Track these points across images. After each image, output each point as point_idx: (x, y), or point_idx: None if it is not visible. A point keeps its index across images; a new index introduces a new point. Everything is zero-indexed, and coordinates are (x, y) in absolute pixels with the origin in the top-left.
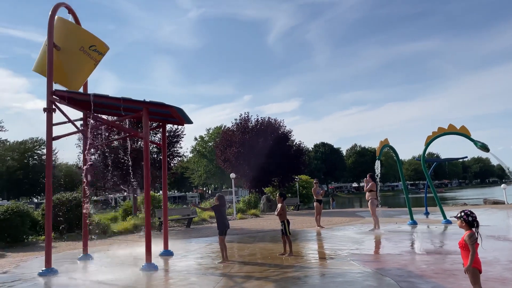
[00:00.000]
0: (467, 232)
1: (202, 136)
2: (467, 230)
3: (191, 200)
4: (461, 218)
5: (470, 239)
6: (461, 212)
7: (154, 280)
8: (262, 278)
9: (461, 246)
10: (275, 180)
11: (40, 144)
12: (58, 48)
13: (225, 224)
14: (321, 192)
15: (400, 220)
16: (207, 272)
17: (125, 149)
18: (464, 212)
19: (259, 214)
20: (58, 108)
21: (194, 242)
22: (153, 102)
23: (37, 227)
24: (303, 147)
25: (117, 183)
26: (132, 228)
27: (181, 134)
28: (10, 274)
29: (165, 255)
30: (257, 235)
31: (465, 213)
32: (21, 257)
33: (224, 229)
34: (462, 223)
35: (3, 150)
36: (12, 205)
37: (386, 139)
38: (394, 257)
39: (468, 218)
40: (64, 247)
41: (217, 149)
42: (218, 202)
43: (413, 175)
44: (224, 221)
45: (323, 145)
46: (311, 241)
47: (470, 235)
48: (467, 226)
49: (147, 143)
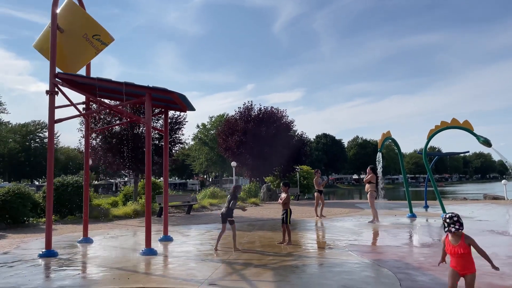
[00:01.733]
0: (461, 235)
1: (204, 124)
2: (459, 235)
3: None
4: (458, 229)
5: (471, 238)
6: (453, 224)
7: (153, 265)
8: (260, 265)
9: (459, 253)
10: (276, 170)
11: (42, 127)
12: (62, 31)
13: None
14: (323, 183)
15: (400, 213)
16: (206, 258)
17: (127, 134)
18: (456, 220)
19: (259, 203)
20: (60, 91)
21: (193, 229)
22: (156, 88)
23: (38, 209)
24: (305, 137)
25: (118, 168)
26: (133, 213)
27: (183, 121)
28: (11, 255)
29: (165, 240)
30: (256, 224)
31: (458, 221)
32: (22, 238)
33: (221, 216)
34: (459, 231)
35: (5, 132)
36: (13, 186)
37: (388, 131)
38: (392, 249)
39: (461, 223)
40: (64, 230)
41: (219, 137)
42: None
43: (414, 168)
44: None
45: (325, 136)
46: (310, 231)
47: (467, 235)
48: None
49: (149, 129)
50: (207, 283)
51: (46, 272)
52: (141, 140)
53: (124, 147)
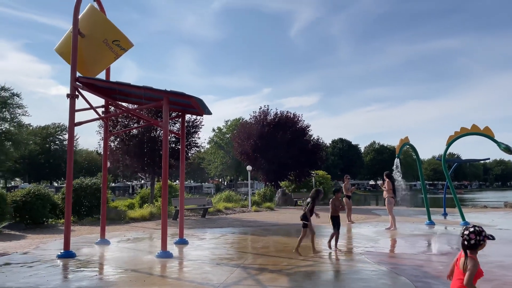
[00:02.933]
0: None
1: (220, 128)
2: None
3: (207, 190)
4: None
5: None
6: (479, 233)
7: (169, 268)
8: (275, 271)
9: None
10: (291, 174)
11: (62, 129)
12: (83, 35)
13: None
14: (352, 189)
15: (418, 220)
16: (221, 262)
17: (144, 137)
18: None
19: (274, 208)
20: (81, 95)
21: (209, 232)
22: (174, 92)
23: (57, 210)
24: (321, 142)
25: (135, 171)
26: (149, 216)
27: (200, 125)
28: (30, 255)
29: (180, 243)
30: (271, 228)
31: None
32: (41, 239)
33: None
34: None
35: (26, 134)
36: (33, 188)
37: (406, 137)
38: (410, 256)
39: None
40: (82, 231)
41: (235, 141)
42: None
43: (432, 175)
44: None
45: (341, 141)
46: (326, 237)
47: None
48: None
49: (166, 133)
50: (222, 287)
51: (64, 272)
52: (157, 143)
53: (141, 150)
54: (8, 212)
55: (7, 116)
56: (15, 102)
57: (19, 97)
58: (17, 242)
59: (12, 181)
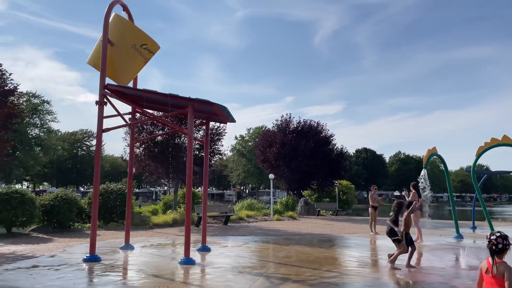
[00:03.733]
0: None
1: (242, 136)
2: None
3: (228, 197)
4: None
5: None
6: (505, 238)
7: (191, 275)
8: (298, 281)
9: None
10: (314, 184)
11: (89, 135)
12: (112, 44)
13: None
14: (379, 199)
15: (445, 233)
16: (243, 270)
17: (168, 144)
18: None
19: (296, 217)
20: (109, 101)
21: (231, 240)
22: (199, 99)
23: (83, 214)
24: (344, 151)
25: (159, 177)
26: (172, 222)
27: (223, 132)
28: (57, 258)
29: (203, 250)
30: (294, 238)
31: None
32: (67, 242)
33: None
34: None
35: (55, 140)
36: (61, 192)
37: (434, 147)
38: (437, 270)
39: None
40: (107, 236)
41: (257, 149)
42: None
43: (460, 186)
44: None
45: (365, 151)
46: (349, 248)
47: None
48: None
49: (191, 140)
50: None
51: (89, 276)
52: (181, 150)
53: (165, 156)
54: (37, 216)
55: (37, 122)
56: (45, 108)
57: (49, 104)
58: (45, 245)
59: (41, 185)
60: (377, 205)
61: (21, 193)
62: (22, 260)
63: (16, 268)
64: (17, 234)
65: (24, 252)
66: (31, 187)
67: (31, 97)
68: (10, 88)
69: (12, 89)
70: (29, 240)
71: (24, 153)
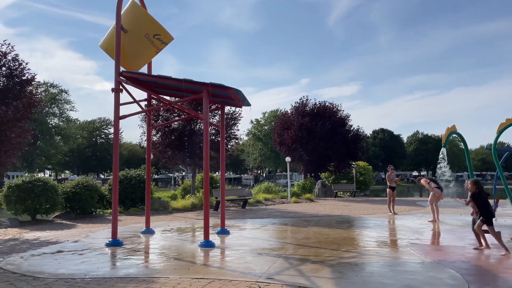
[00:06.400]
0: None
1: (258, 120)
2: None
3: (246, 181)
4: None
5: None
6: None
7: (211, 257)
8: (318, 261)
9: None
10: (331, 166)
11: (107, 123)
12: (125, 31)
13: (489, 212)
14: (396, 179)
15: (465, 212)
16: (262, 252)
17: (184, 129)
18: None
19: (313, 199)
20: (124, 89)
21: (249, 223)
22: (213, 84)
23: (104, 201)
24: (361, 132)
25: (177, 163)
26: (191, 206)
27: (238, 117)
28: (81, 243)
29: (222, 233)
30: (312, 219)
31: None
32: (90, 228)
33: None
34: None
35: (74, 128)
36: (82, 180)
37: (453, 125)
38: (458, 249)
39: None
40: (128, 221)
41: (274, 132)
42: (476, 188)
43: (480, 165)
44: (488, 208)
45: (382, 131)
46: (368, 229)
47: None
48: None
49: (207, 124)
50: (265, 277)
51: (112, 260)
52: (198, 136)
53: (182, 142)
54: (60, 203)
55: (56, 112)
56: (63, 98)
57: (67, 93)
58: (68, 231)
59: (62, 174)
60: (394, 185)
61: (44, 181)
62: (47, 245)
63: (41, 253)
64: (41, 221)
65: (48, 238)
66: (54, 175)
67: (49, 87)
68: (27, 78)
69: (30, 79)
70: (53, 227)
71: (45, 142)
